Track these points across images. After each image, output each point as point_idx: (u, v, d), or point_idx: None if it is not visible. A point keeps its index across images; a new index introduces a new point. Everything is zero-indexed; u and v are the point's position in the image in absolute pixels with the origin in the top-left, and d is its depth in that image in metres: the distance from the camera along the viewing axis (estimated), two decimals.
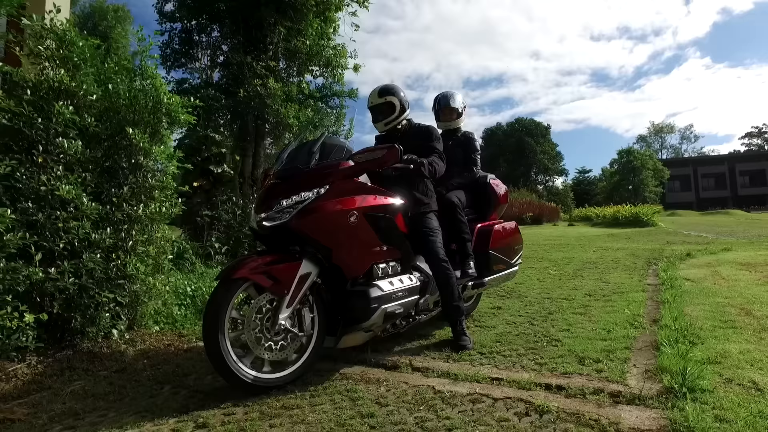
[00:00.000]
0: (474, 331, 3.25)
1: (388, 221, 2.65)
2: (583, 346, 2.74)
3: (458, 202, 3.29)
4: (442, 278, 2.85)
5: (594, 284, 4.86)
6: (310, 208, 2.34)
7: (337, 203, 2.42)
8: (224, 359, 2.12)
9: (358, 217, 2.46)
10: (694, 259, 6.66)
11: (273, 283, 2.23)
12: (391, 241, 2.67)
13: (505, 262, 3.61)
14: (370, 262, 2.55)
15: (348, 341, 2.51)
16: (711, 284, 4.65)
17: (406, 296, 2.65)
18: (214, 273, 5.64)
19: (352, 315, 2.45)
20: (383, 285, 2.53)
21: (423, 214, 2.95)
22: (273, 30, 7.06)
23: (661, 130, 64.66)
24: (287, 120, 6.72)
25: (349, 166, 2.53)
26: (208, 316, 2.15)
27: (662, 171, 44.89)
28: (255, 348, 2.23)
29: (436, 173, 2.98)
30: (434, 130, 3.17)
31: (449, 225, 3.23)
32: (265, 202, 2.43)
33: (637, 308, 3.63)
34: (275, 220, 2.35)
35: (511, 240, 3.74)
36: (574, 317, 3.47)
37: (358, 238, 2.48)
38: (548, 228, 17.70)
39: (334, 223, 2.39)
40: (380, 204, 2.63)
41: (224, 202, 7.04)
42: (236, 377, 2.16)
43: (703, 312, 3.47)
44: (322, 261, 2.42)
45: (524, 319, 3.51)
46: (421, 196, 2.98)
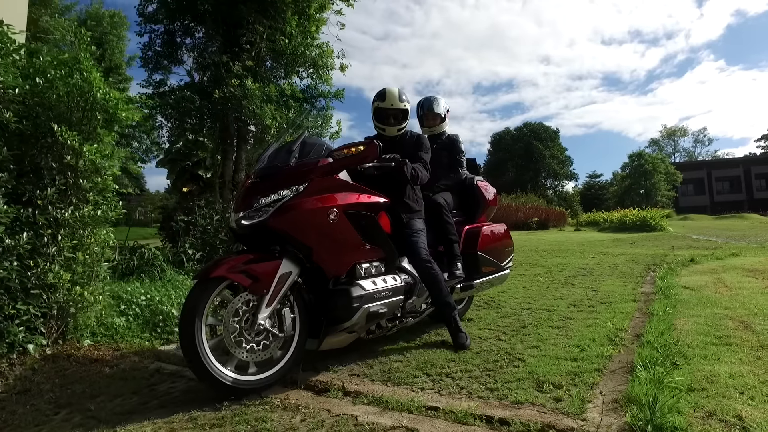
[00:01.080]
0: (432, 344, 2.90)
1: (371, 220, 2.60)
2: (548, 367, 2.37)
3: (444, 203, 3.23)
4: (427, 277, 2.81)
5: (582, 293, 4.47)
6: (289, 206, 2.29)
7: (316, 200, 2.37)
8: (201, 361, 2.05)
9: (338, 214, 2.41)
10: (698, 265, 6.21)
11: (252, 282, 2.17)
12: (373, 240, 2.61)
13: (494, 265, 3.52)
14: (352, 261, 2.49)
15: (331, 343, 2.46)
16: (711, 293, 4.24)
17: (390, 296, 2.59)
18: (182, 280, 5.36)
19: (333, 315, 2.40)
20: (365, 284, 2.48)
21: (410, 219, 2.93)
22: (252, 29, 6.82)
23: (674, 133, 63.38)
24: (265, 121, 6.44)
25: (328, 163, 2.46)
26: (185, 317, 2.08)
27: (675, 175, 43.85)
28: (233, 349, 2.16)
29: (419, 179, 2.92)
30: (425, 140, 3.12)
31: (436, 226, 3.16)
32: (244, 200, 2.37)
33: (621, 321, 3.25)
34: (253, 219, 2.30)
35: (501, 242, 3.65)
36: (550, 332, 3.10)
37: (339, 236, 2.42)
38: (553, 233, 17.20)
39: (312, 221, 2.33)
40: (362, 202, 2.58)
41: (202, 207, 6.78)
42: (214, 379, 2.07)
43: (696, 326, 3.08)
44: (303, 260, 2.37)
45: (493, 333, 3.14)
46: (411, 202, 2.97)
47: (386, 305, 2.57)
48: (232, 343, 2.16)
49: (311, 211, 2.34)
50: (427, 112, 3.66)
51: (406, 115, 3.06)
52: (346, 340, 2.52)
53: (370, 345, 2.91)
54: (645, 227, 15.18)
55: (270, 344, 2.25)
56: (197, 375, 2.11)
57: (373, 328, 2.65)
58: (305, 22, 7.40)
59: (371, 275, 2.59)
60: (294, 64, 8.11)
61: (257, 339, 2.21)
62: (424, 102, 3.71)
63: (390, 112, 3.02)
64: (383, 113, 3.04)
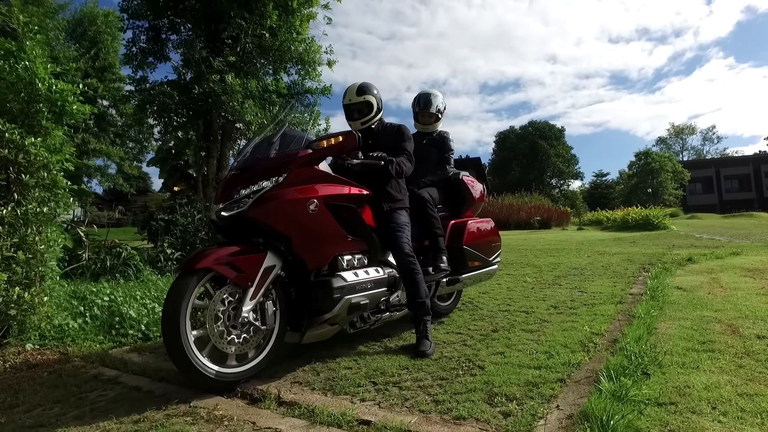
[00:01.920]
0: (390, 350, 2.69)
1: (352, 211, 2.59)
2: (507, 376, 2.16)
3: (429, 197, 3.20)
4: (406, 273, 2.76)
5: (567, 294, 4.24)
6: (267, 197, 2.28)
7: (295, 191, 2.35)
8: (185, 353, 2.02)
9: (318, 205, 2.39)
10: (695, 264, 5.95)
11: (237, 275, 2.16)
12: (356, 232, 2.60)
13: (481, 260, 3.51)
14: (334, 252, 2.48)
15: (313, 336, 2.45)
16: (704, 294, 4.00)
17: (372, 288, 2.59)
18: (156, 281, 5.20)
19: (315, 306, 2.40)
20: (347, 276, 2.48)
21: (393, 210, 2.87)
22: (234, 24, 6.65)
23: (682, 131, 62.55)
24: (245, 117, 6.27)
25: (308, 154, 2.44)
26: (168, 308, 2.05)
27: (682, 173, 43.21)
28: (217, 342, 2.14)
29: (403, 173, 2.90)
30: (406, 130, 3.07)
31: (421, 221, 3.14)
32: (224, 192, 2.37)
33: (600, 325, 3.03)
34: (233, 210, 2.29)
35: (488, 237, 3.63)
36: (521, 336, 2.88)
37: (319, 227, 2.41)
38: (554, 232, 16.89)
39: (292, 212, 2.31)
40: (343, 194, 2.57)
41: (183, 205, 6.63)
42: (197, 372, 2.05)
43: (679, 329, 2.85)
44: (285, 253, 2.36)
45: (460, 337, 2.93)
46: (394, 192, 2.92)
47: (368, 297, 2.55)
48: (215, 333, 2.13)
49: (290, 202, 2.31)
50: (423, 110, 3.61)
51: (371, 108, 2.99)
52: (328, 333, 2.49)
53: (322, 350, 2.71)
54: (648, 226, 14.82)
55: (250, 339, 2.24)
56: (179, 367, 2.08)
57: (357, 320, 2.64)
58: (289, 17, 7.21)
59: (354, 267, 2.57)
60: (281, 61, 7.94)
61: (239, 332, 2.20)
62: (422, 98, 3.63)
63: (352, 108, 3.00)
64: (347, 110, 3.04)
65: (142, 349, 2.98)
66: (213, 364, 2.11)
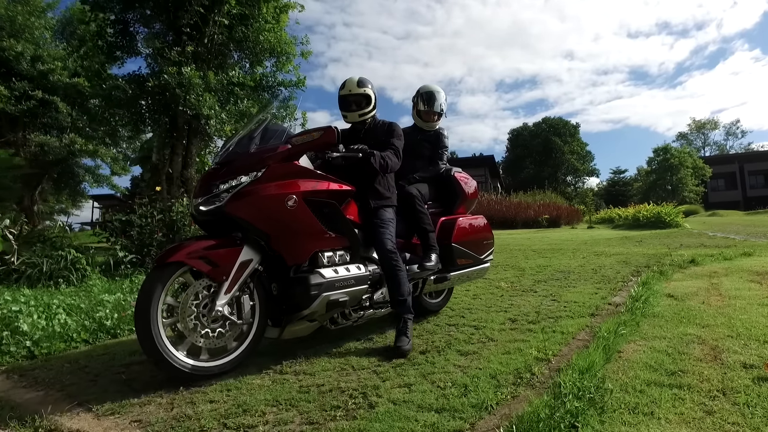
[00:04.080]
0: (263, 377, 2.18)
1: (333, 207, 2.56)
2: (393, 422, 1.64)
3: (417, 193, 3.12)
4: (388, 270, 2.72)
5: (536, 303, 3.67)
6: (245, 192, 2.27)
7: (273, 186, 2.33)
8: (157, 347, 2.02)
9: (296, 201, 2.36)
10: (698, 266, 5.29)
11: (211, 269, 2.16)
12: (337, 228, 2.57)
13: (471, 257, 3.40)
14: (313, 249, 2.46)
15: (292, 331, 2.45)
16: (697, 303, 3.40)
17: (352, 285, 2.55)
18: (102, 286, 4.80)
19: (293, 302, 2.39)
20: (326, 272, 2.44)
21: (379, 207, 2.83)
22: (191, 11, 6.22)
23: (704, 126, 60.27)
24: (202, 112, 5.83)
25: (287, 149, 2.42)
26: (140, 303, 2.05)
27: (703, 169, 41.53)
28: (190, 335, 2.14)
29: (388, 167, 2.82)
30: (397, 127, 3.03)
31: (409, 217, 3.09)
32: (203, 186, 2.37)
33: (552, 346, 2.47)
34: (211, 204, 2.28)
35: (479, 234, 3.50)
36: (450, 360, 2.35)
37: (298, 223, 2.38)
38: (561, 231, 16.12)
39: (269, 207, 2.30)
40: (323, 189, 2.53)
41: (142, 205, 6.24)
42: (171, 366, 2.06)
43: (648, 354, 2.28)
44: (264, 248, 2.35)
45: (374, 362, 2.41)
46: (381, 189, 2.88)
47: (348, 294, 2.51)
48: (189, 326, 2.13)
49: (268, 197, 2.30)
50: (427, 108, 3.50)
51: (369, 101, 2.97)
52: (308, 329, 2.50)
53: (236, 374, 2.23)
54: (659, 224, 13.92)
55: (225, 334, 2.23)
56: (153, 361, 2.07)
57: (338, 317, 2.61)
58: (255, 7, 6.75)
59: (335, 264, 2.54)
60: (254, 53, 7.51)
61: (213, 326, 2.19)
62: (425, 96, 3.51)
63: (350, 98, 2.96)
64: (344, 101, 2.99)
65: (16, 369, 2.55)
66: (189, 358, 2.11)
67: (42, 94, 11.34)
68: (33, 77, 11.51)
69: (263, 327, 2.39)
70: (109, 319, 3.37)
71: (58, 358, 2.77)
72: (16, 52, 11.05)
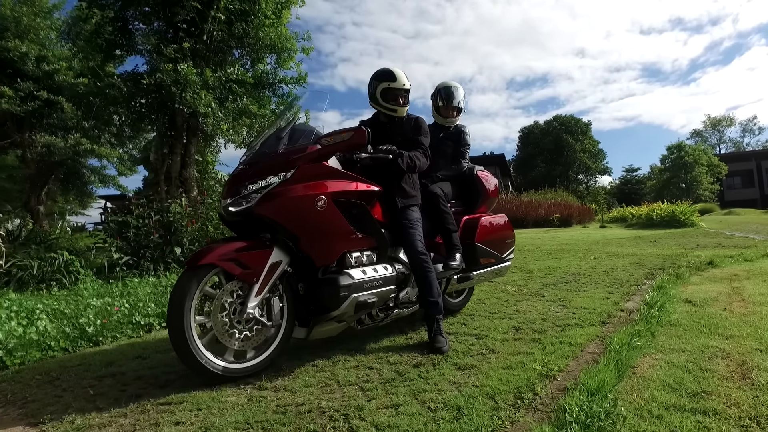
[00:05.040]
0: (239, 393, 1.99)
1: (361, 208, 2.54)
2: None
3: (441, 193, 3.09)
4: (418, 271, 2.69)
5: (544, 309, 3.44)
6: (275, 193, 2.25)
7: (303, 187, 2.31)
8: (190, 349, 2.03)
9: (326, 202, 2.34)
10: (717, 268, 5.01)
11: (242, 271, 2.16)
12: (365, 229, 2.55)
13: (494, 256, 3.39)
14: (342, 249, 2.44)
15: (320, 332, 2.43)
16: (719, 310, 3.14)
17: (380, 286, 2.52)
18: (97, 290, 4.66)
19: (322, 304, 2.36)
20: (355, 273, 2.42)
21: (406, 207, 2.79)
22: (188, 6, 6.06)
23: (719, 123, 58.95)
24: (198, 109, 5.67)
25: (316, 150, 2.38)
26: (173, 305, 2.06)
27: (719, 166, 40.57)
28: (222, 337, 2.15)
29: (416, 168, 2.78)
30: (424, 124, 2.96)
31: (433, 217, 3.06)
32: (232, 187, 2.35)
33: (558, 360, 2.25)
34: (240, 206, 2.27)
35: (501, 233, 3.49)
36: (445, 375, 2.14)
37: (327, 224, 2.36)
38: (572, 231, 15.76)
39: (299, 208, 2.28)
40: (352, 190, 2.50)
41: (139, 206, 6.11)
42: (203, 368, 2.07)
43: (666, 370, 2.05)
44: (293, 249, 2.34)
45: (366, 374, 2.21)
46: (408, 188, 2.84)
47: (376, 295, 2.49)
48: (220, 328, 2.13)
49: (298, 198, 2.27)
50: (446, 104, 3.47)
51: (408, 96, 2.93)
52: (335, 330, 2.48)
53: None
54: (674, 223, 13.49)
55: (256, 335, 2.23)
56: (186, 363, 2.08)
57: (365, 318, 2.58)
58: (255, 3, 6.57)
59: (362, 264, 2.52)
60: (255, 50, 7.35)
61: (244, 327, 2.19)
62: (444, 91, 3.50)
63: (401, 93, 2.86)
64: (392, 93, 2.85)
65: None
66: (220, 359, 2.12)
67: (47, 95, 11.32)
68: (38, 78, 11.50)
69: (291, 328, 2.39)
70: (91, 326, 3.21)
71: (31, 369, 2.62)
72: (20, 52, 11.04)
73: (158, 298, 4.06)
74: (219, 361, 2.12)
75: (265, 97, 7.32)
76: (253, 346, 2.24)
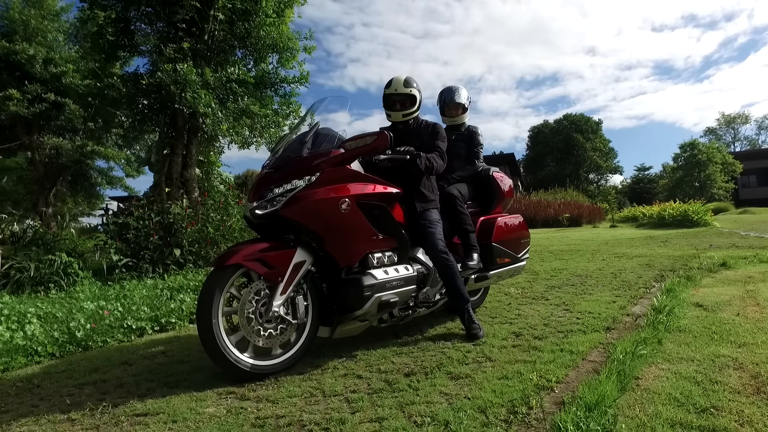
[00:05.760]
0: (220, 403, 1.89)
1: (383, 210, 2.60)
2: None
3: (458, 194, 3.17)
4: (442, 268, 2.78)
5: (548, 313, 3.31)
6: (300, 196, 2.32)
7: (328, 190, 2.38)
8: (219, 348, 2.11)
9: (350, 204, 2.42)
10: (731, 270, 4.82)
11: (267, 270, 2.23)
12: (386, 230, 2.61)
13: (510, 256, 3.47)
14: (364, 250, 2.50)
15: (343, 331, 2.51)
16: (731, 315, 2.99)
17: (402, 286, 2.59)
18: (89, 291, 4.62)
19: (345, 303, 2.43)
20: (377, 274, 2.48)
21: (425, 210, 2.88)
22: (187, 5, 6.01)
23: (734, 120, 57.82)
24: (198, 109, 5.61)
25: (340, 154, 2.46)
26: (201, 304, 2.14)
27: (733, 165, 39.78)
28: (249, 334, 2.22)
29: (434, 169, 2.86)
30: (441, 129, 3.05)
31: (450, 218, 3.13)
32: (258, 191, 2.42)
33: (558, 370, 2.12)
34: (266, 208, 2.34)
35: (516, 233, 3.58)
36: (436, 386, 2.02)
37: (351, 225, 2.43)
38: (582, 231, 15.51)
39: (324, 210, 2.35)
40: (374, 192, 2.58)
41: (139, 207, 6.07)
42: (232, 365, 2.14)
43: (673, 382, 1.91)
44: (316, 249, 2.40)
45: (353, 384, 2.10)
46: (427, 192, 2.92)
47: (398, 294, 2.56)
48: (248, 326, 2.20)
49: (323, 201, 2.34)
50: (448, 103, 3.58)
51: (414, 101, 2.99)
52: (358, 329, 2.56)
53: None
54: (686, 223, 13.17)
55: (282, 333, 2.30)
56: (215, 361, 2.15)
57: (386, 317, 2.63)
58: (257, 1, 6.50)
59: (383, 265, 2.58)
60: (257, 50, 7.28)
61: (270, 325, 2.26)
62: (445, 92, 3.63)
63: (395, 98, 2.98)
64: (389, 99, 3.00)
65: None
66: (248, 357, 2.19)
67: (54, 97, 11.39)
68: (46, 80, 11.59)
69: (317, 326, 2.44)
70: (80, 330, 3.15)
71: (14, 376, 2.55)
72: (28, 55, 11.13)
73: (153, 301, 3.99)
74: (247, 358, 2.18)
75: (267, 96, 7.25)
76: (280, 343, 2.30)
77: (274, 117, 6.92)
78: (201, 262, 5.64)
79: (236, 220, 6.14)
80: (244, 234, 6.29)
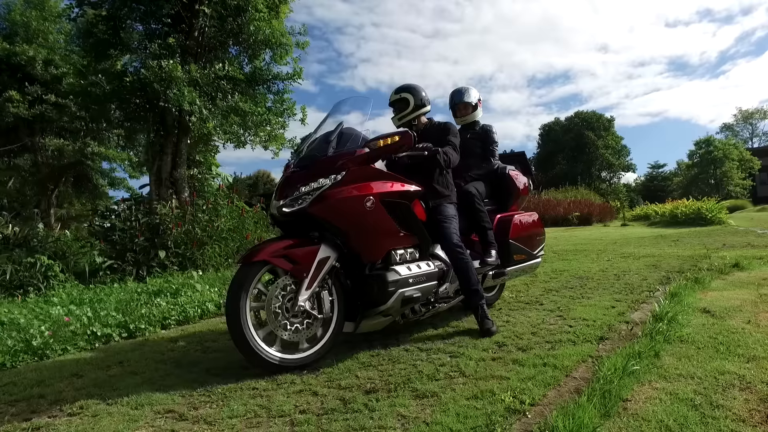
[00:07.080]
0: (156, 421, 1.69)
1: (405, 207, 2.66)
2: None
3: (476, 192, 3.22)
4: (457, 263, 2.83)
5: (538, 320, 3.04)
6: (327, 194, 2.38)
7: (353, 189, 2.45)
8: (248, 342, 2.16)
9: (374, 202, 2.48)
10: (743, 272, 4.49)
11: (293, 266, 2.28)
12: (408, 227, 2.66)
13: (526, 253, 3.53)
14: (388, 247, 2.55)
15: (367, 326, 2.55)
16: (741, 323, 2.70)
17: (423, 281, 2.64)
18: (65, 295, 4.47)
19: (369, 299, 2.47)
20: (400, 270, 2.53)
21: (440, 205, 2.93)
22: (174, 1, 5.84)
23: (751, 116, 56.35)
24: (182, 106, 5.44)
25: (365, 153, 2.53)
26: (230, 300, 2.19)
27: (751, 161, 38.73)
28: (276, 329, 2.26)
29: (450, 163, 2.94)
30: (452, 126, 3.16)
31: (468, 215, 3.17)
32: (284, 189, 2.46)
33: (535, 389, 1.86)
34: (294, 206, 2.39)
35: (532, 230, 3.65)
36: (398, 407, 1.78)
37: (375, 223, 2.48)
38: (591, 230, 15.10)
39: (350, 208, 2.41)
40: (397, 190, 2.64)
41: (125, 209, 5.92)
42: (261, 359, 2.20)
43: (668, 406, 1.65)
44: (340, 246, 2.44)
45: (316, 400, 1.87)
46: (441, 188, 2.98)
47: (420, 290, 2.60)
48: (275, 320, 2.24)
49: (349, 199, 2.40)
50: (458, 104, 3.65)
51: (407, 104, 3.09)
52: (381, 324, 2.59)
53: None
54: (699, 221, 12.69)
55: (308, 327, 2.33)
56: (245, 355, 2.20)
57: (408, 312, 2.67)
58: None
59: (406, 261, 2.62)
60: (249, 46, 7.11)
61: (296, 320, 2.29)
62: (455, 94, 3.70)
63: (393, 105, 3.18)
64: (391, 107, 3.21)
65: None
66: (277, 351, 2.24)
67: (55, 98, 11.37)
68: (46, 81, 11.58)
69: (342, 321, 2.47)
70: (37, 338, 2.97)
71: None
72: (28, 56, 11.12)
73: (127, 306, 3.81)
74: (276, 352, 2.23)
75: (260, 93, 7.06)
76: (307, 337, 2.33)
77: (267, 114, 6.73)
78: (187, 263, 5.46)
79: (224, 221, 5.96)
80: (233, 234, 6.11)
